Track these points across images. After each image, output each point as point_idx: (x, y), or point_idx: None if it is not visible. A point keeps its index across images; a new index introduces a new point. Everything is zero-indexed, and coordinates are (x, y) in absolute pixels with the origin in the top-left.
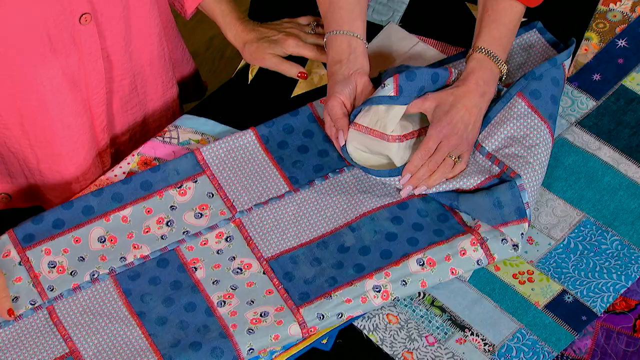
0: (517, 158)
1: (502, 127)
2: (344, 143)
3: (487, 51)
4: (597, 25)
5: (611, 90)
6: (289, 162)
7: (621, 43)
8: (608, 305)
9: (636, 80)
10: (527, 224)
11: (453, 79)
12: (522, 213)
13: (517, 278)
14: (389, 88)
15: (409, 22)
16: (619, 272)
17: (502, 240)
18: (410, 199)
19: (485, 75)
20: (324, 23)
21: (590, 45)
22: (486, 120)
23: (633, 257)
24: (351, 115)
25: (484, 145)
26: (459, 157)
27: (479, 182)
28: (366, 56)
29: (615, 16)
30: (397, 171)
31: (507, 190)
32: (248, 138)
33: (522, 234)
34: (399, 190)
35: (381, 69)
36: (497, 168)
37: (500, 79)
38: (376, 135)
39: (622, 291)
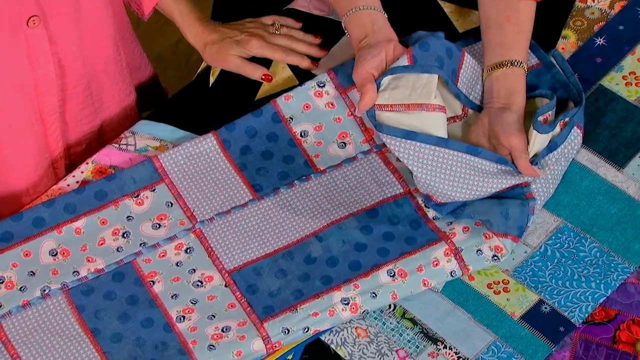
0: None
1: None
2: (369, 107)
3: (521, 64)
4: (574, 23)
5: (589, 91)
6: (252, 169)
7: (600, 41)
8: (587, 315)
9: (615, 80)
10: (516, 242)
11: (465, 62)
12: (521, 233)
13: (492, 288)
14: (402, 59)
15: None
16: (598, 281)
17: (477, 251)
18: (380, 204)
19: (524, 90)
20: (336, 9)
21: (568, 44)
22: (552, 145)
23: (612, 265)
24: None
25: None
26: None
27: (505, 186)
28: (389, 26)
29: (593, 13)
30: (444, 141)
31: (518, 207)
32: (209, 143)
33: (512, 251)
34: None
35: (350, 70)
36: (521, 179)
37: None
38: (413, 108)
39: (601, 300)
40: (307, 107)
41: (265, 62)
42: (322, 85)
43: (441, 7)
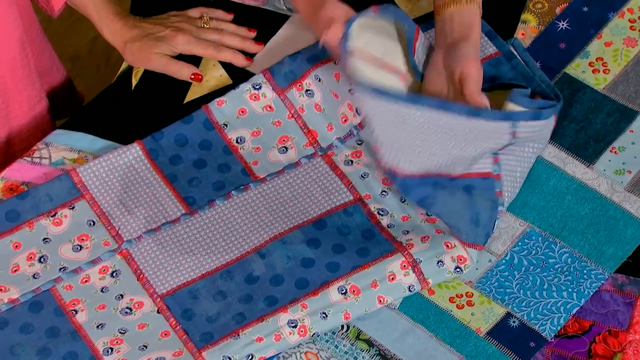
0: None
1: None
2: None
3: (475, 1)
4: (534, 6)
5: (553, 80)
6: (183, 180)
7: (562, 25)
8: (559, 328)
9: (581, 67)
10: (480, 251)
11: (420, 36)
12: (486, 240)
13: (455, 302)
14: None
15: None
16: (570, 290)
17: (438, 262)
18: (328, 214)
19: (480, 25)
20: None
21: (528, 29)
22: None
23: (585, 271)
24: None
25: None
26: None
27: (476, 171)
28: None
29: None
30: (416, 99)
31: (488, 211)
32: (134, 153)
33: (477, 261)
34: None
35: (288, 68)
36: (495, 168)
37: None
38: (387, 69)
39: (574, 311)
40: (242, 112)
41: (194, 60)
42: (258, 87)
43: None
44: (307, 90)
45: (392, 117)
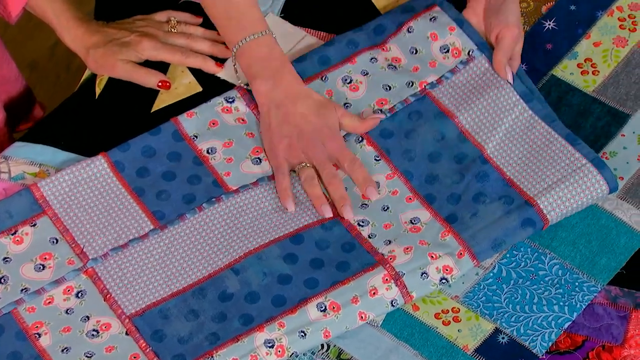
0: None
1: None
2: None
3: None
4: (519, 5)
5: (541, 83)
6: (151, 194)
7: (549, 24)
8: (550, 344)
9: (569, 68)
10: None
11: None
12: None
13: (441, 318)
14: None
15: (292, 13)
16: (561, 303)
17: (422, 274)
18: (306, 228)
19: None
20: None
21: None
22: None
23: (577, 284)
24: None
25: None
26: None
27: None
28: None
29: None
30: None
31: (516, 238)
32: (98, 166)
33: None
34: None
35: None
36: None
37: None
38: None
39: (566, 326)
40: (213, 123)
41: (162, 67)
42: (230, 100)
43: None
44: None
45: None
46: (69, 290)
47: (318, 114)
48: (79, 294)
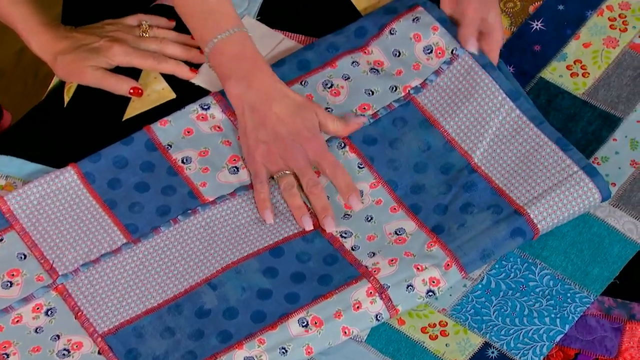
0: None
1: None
2: None
3: None
4: (505, 5)
5: (529, 86)
6: (124, 206)
7: (537, 25)
8: (542, 357)
9: (559, 70)
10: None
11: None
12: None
13: (427, 332)
14: None
15: (269, 15)
16: (552, 315)
17: (408, 287)
18: (286, 241)
19: None
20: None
21: None
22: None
23: (569, 295)
24: None
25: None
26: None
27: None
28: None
29: None
30: None
31: (506, 249)
32: (67, 178)
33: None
34: None
35: None
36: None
37: None
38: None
39: (558, 339)
40: (188, 132)
41: (133, 73)
42: (206, 107)
43: None
44: None
45: None
46: (38, 308)
47: (295, 114)
48: (49, 312)
